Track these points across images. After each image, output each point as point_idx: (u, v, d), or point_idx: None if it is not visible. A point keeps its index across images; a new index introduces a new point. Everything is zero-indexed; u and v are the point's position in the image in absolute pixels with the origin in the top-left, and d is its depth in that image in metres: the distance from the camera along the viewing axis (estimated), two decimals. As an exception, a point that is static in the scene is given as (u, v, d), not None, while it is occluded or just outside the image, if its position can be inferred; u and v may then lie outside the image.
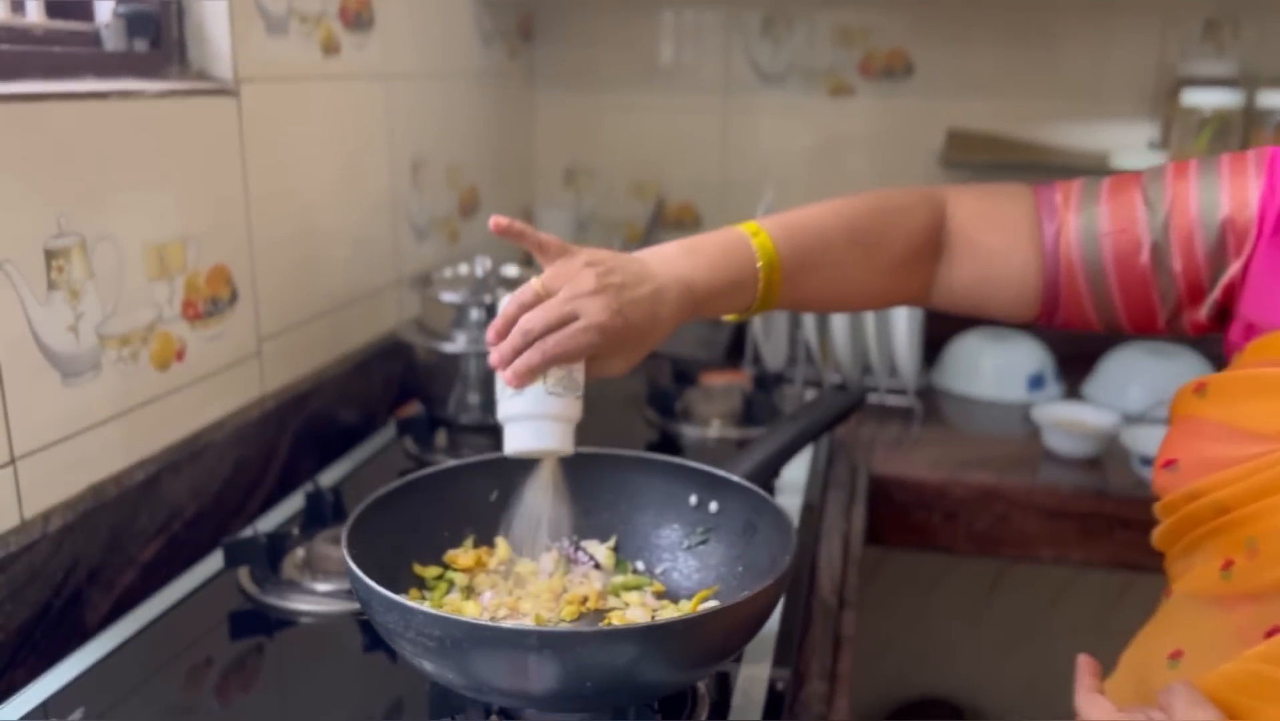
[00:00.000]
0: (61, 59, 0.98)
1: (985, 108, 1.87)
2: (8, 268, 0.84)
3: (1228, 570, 0.70)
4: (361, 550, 0.71)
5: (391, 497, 0.80)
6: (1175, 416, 0.81)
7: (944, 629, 2.09)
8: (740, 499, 0.84)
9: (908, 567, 1.88)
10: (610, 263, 0.78)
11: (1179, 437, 0.78)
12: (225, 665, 0.87)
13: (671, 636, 0.65)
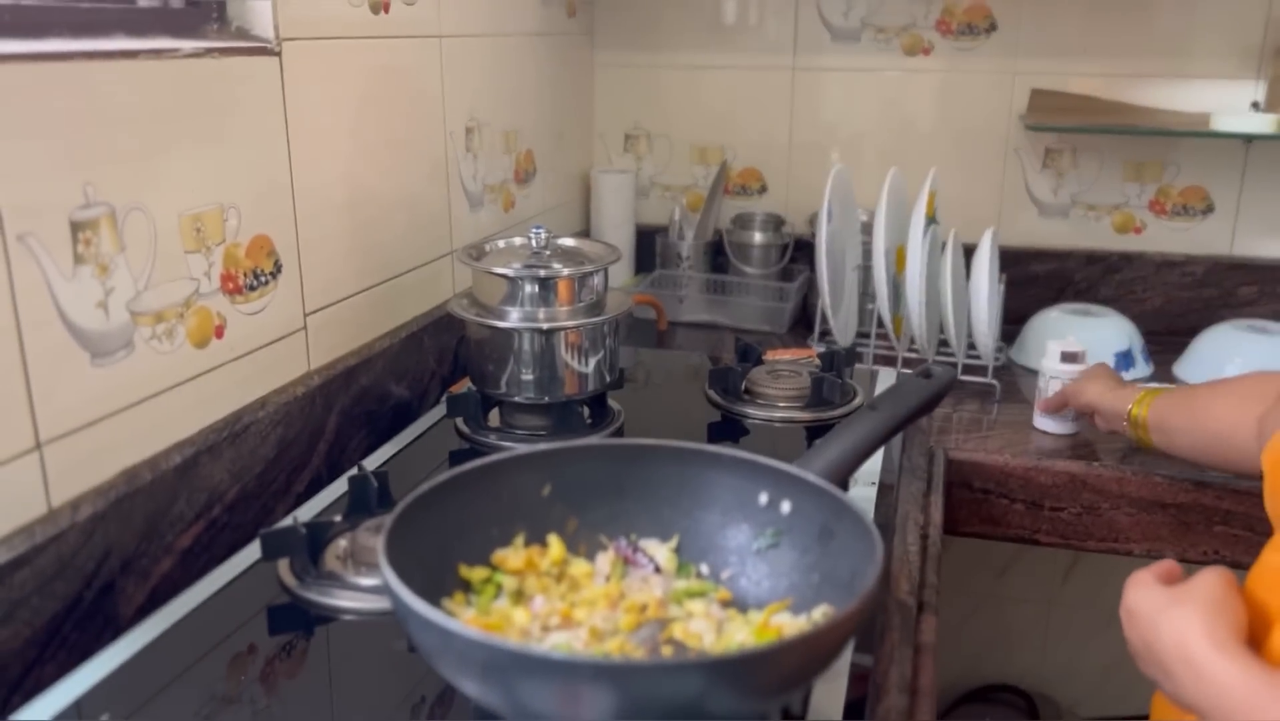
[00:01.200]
0: (89, 15, 0.92)
1: (1072, 67, 1.75)
2: (30, 241, 0.79)
3: None
4: (402, 554, 0.65)
5: (435, 494, 0.74)
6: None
7: (1015, 613, 2.00)
8: (816, 500, 0.76)
9: (979, 549, 1.79)
10: None
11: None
12: (261, 663, 0.81)
13: (744, 669, 0.57)
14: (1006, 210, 1.85)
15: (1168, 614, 0.70)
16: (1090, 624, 1.96)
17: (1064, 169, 1.81)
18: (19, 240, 0.78)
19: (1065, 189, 1.82)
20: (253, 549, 0.95)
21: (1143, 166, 1.79)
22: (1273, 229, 1.76)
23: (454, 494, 0.75)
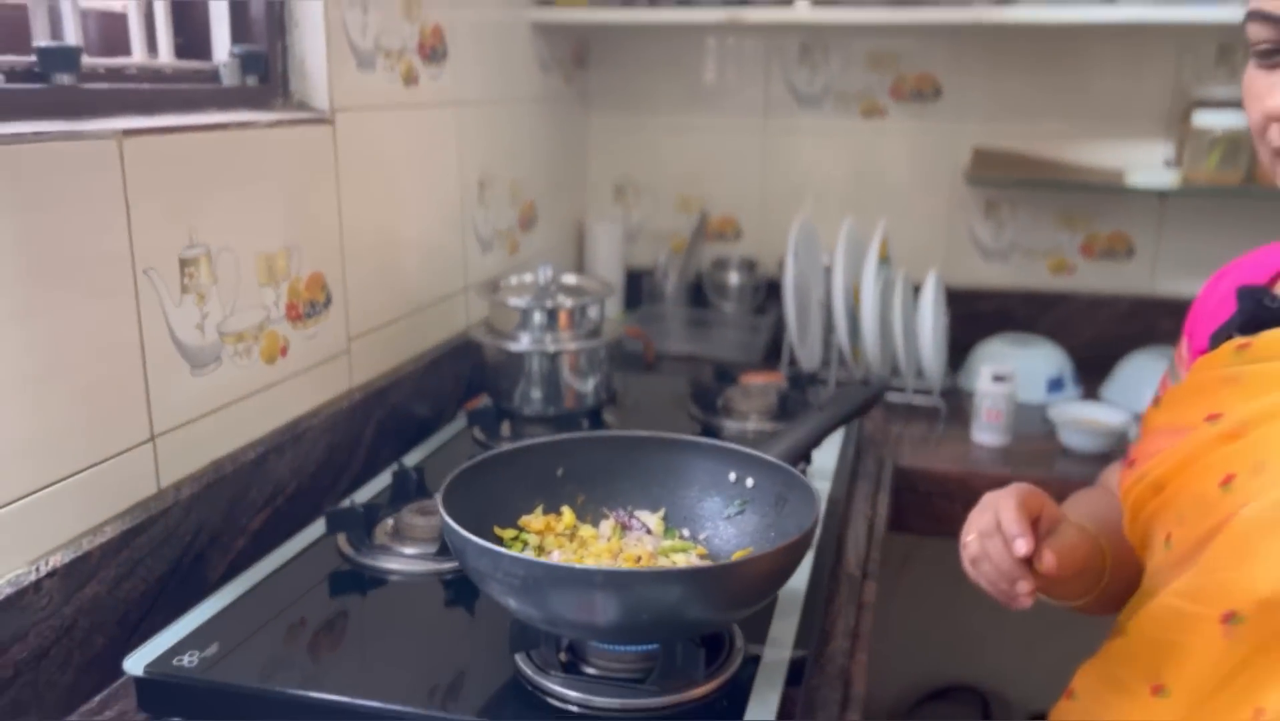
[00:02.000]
0: (188, 94, 1.14)
1: (1008, 128, 1.99)
2: (152, 274, 1.00)
3: (1168, 541, 0.83)
4: (453, 511, 0.85)
5: (474, 470, 0.95)
6: (1142, 430, 0.95)
7: (972, 618, 2.20)
8: (773, 475, 0.97)
9: (938, 558, 1.98)
10: None
11: (1139, 444, 0.91)
12: (328, 615, 1.01)
13: (713, 578, 0.78)
14: (954, 254, 2.08)
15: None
16: (1041, 625, 2.15)
17: (1004, 218, 2.05)
18: (144, 273, 0.99)
19: (1005, 235, 2.06)
20: (311, 531, 1.15)
21: (1073, 216, 2.02)
22: (1188, 270, 1.99)
23: (489, 470, 0.96)
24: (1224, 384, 0.82)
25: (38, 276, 0.88)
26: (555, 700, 0.84)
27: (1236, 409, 0.79)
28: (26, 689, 0.87)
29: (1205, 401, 0.83)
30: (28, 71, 0.95)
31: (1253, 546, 0.74)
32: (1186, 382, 0.88)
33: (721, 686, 0.86)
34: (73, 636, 0.92)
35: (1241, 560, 0.75)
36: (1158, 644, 0.81)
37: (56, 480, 0.91)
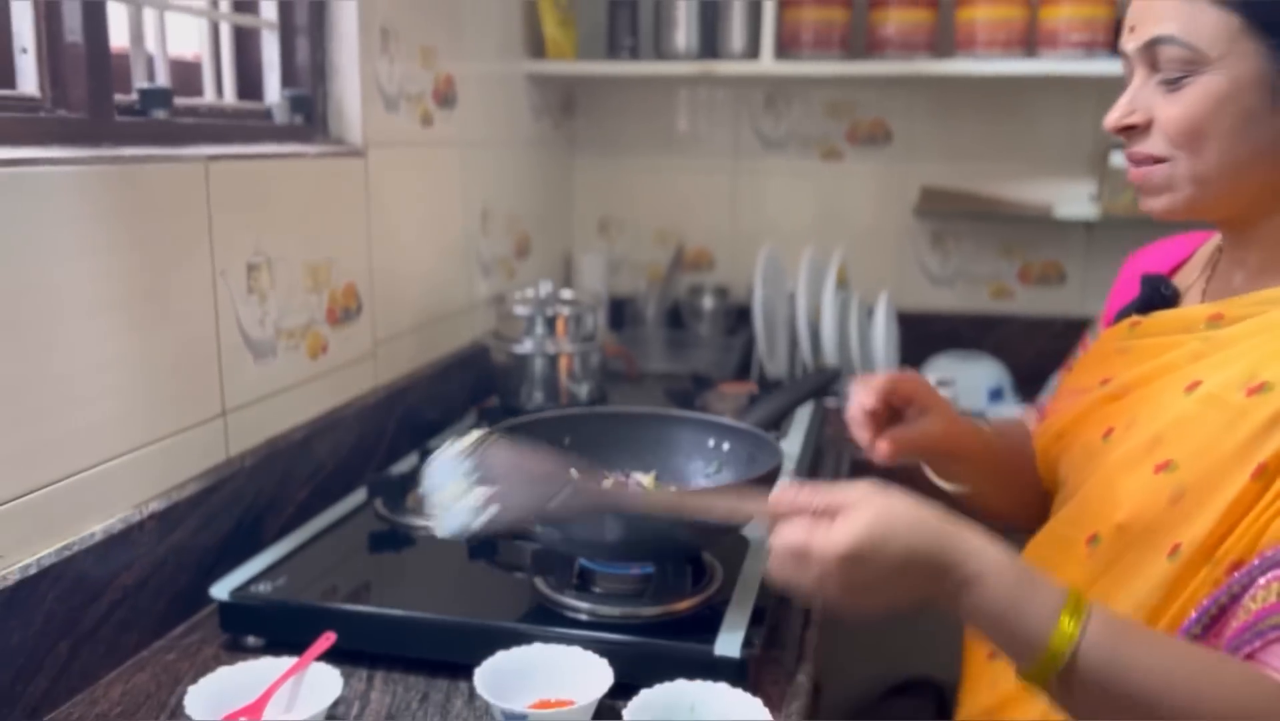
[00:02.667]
0: (249, 129, 1.34)
1: (952, 168, 2.23)
2: (227, 276, 1.20)
3: (1064, 483, 1.03)
4: (485, 460, 1.05)
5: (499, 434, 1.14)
6: (1057, 390, 1.15)
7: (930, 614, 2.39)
8: (744, 439, 1.18)
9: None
10: None
11: (1052, 401, 1.12)
12: (372, 559, 1.20)
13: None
14: (905, 281, 2.31)
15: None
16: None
17: (949, 248, 2.28)
18: (220, 275, 1.19)
19: (951, 264, 2.29)
20: (347, 501, 1.34)
21: (1011, 246, 2.26)
22: (1112, 294, 2.23)
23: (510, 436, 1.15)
24: (1117, 354, 1.01)
25: (145, 271, 1.08)
26: (569, 611, 1.03)
27: (1122, 375, 0.98)
28: (131, 610, 1.06)
29: (1101, 368, 1.02)
30: (130, 108, 1.15)
31: (1115, 482, 0.93)
32: (1090, 352, 1.08)
33: (704, 601, 1.06)
34: (164, 571, 1.10)
35: (1107, 492, 0.94)
36: (1042, 561, 1.00)
37: (153, 440, 1.10)
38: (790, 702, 0.99)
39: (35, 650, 0.94)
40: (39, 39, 1.03)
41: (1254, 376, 0.84)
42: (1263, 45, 0.83)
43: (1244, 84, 0.83)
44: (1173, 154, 0.88)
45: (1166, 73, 0.87)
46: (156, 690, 1.00)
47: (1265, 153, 0.85)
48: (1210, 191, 0.88)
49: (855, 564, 0.76)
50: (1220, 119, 0.85)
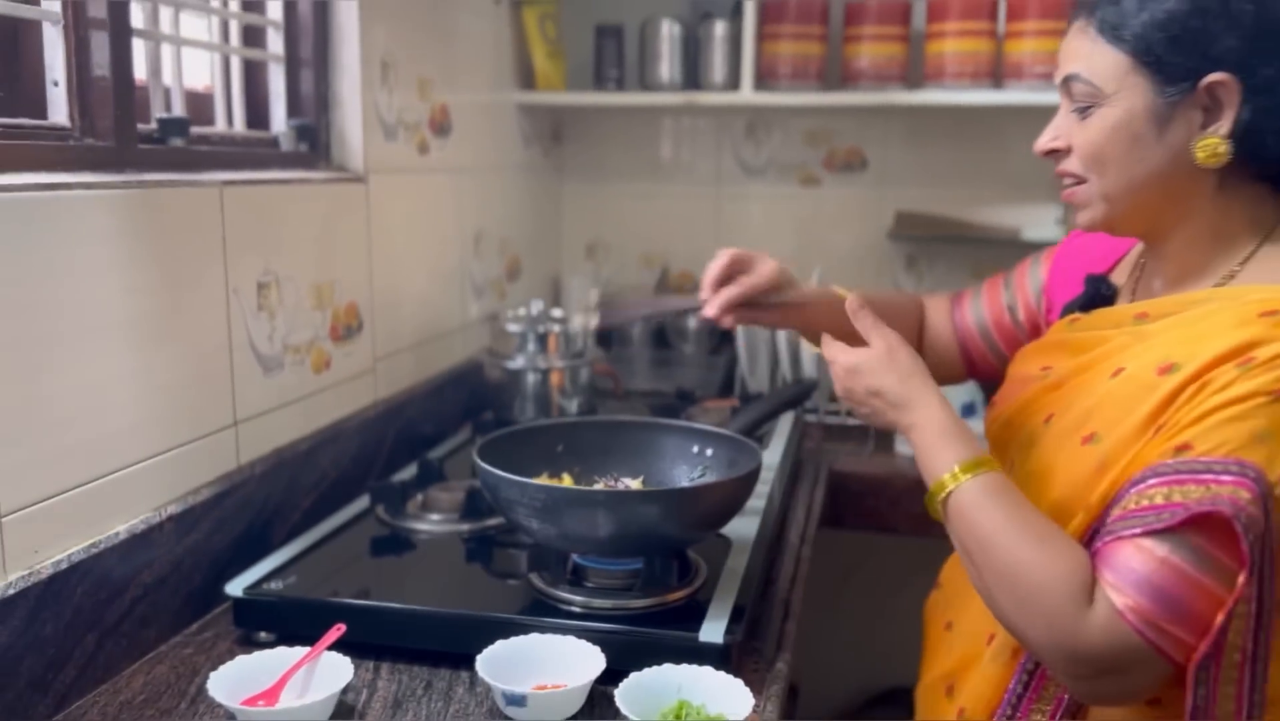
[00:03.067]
0: (258, 156, 1.42)
1: (924, 193, 2.33)
2: (240, 293, 1.28)
3: (1013, 464, 1.12)
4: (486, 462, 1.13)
5: (496, 441, 1.22)
6: (1005, 379, 1.24)
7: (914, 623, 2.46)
8: (726, 445, 1.25)
9: (881, 567, 2.26)
10: None
11: (1002, 389, 1.20)
12: (376, 560, 1.27)
13: (682, 498, 1.06)
14: (882, 302, 2.40)
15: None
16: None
17: (923, 270, 2.38)
18: (233, 292, 1.27)
19: (924, 285, 2.38)
20: (349, 508, 1.41)
21: (981, 267, 2.35)
22: (1079, 314, 2.32)
23: (506, 443, 1.23)
24: (1058, 346, 1.10)
25: (166, 288, 1.15)
26: (563, 604, 1.11)
27: (1061, 365, 1.08)
28: (151, 606, 1.12)
29: (1044, 358, 1.12)
30: (150, 136, 1.23)
31: (1052, 459, 1.02)
32: (1038, 342, 1.17)
33: (689, 595, 1.13)
34: (181, 571, 1.17)
35: (1045, 470, 1.03)
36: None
37: (171, 447, 1.17)
38: (770, 686, 1.06)
39: (65, 641, 1.01)
40: (69, 73, 1.11)
41: (1166, 358, 0.94)
42: (1149, 81, 0.94)
43: (1135, 113, 0.95)
44: (1087, 174, 0.99)
45: (1078, 104, 0.99)
46: (175, 680, 1.07)
47: (1159, 173, 0.96)
48: (1118, 208, 0.98)
49: (851, 374, 1.07)
50: (1117, 144, 0.96)
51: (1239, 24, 0.91)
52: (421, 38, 1.74)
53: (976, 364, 1.34)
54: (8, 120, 1.06)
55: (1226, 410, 0.87)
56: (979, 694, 1.07)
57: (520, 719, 0.98)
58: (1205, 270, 1.00)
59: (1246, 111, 0.92)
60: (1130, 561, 0.87)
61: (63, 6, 1.10)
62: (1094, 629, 0.87)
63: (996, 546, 0.93)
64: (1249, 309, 0.92)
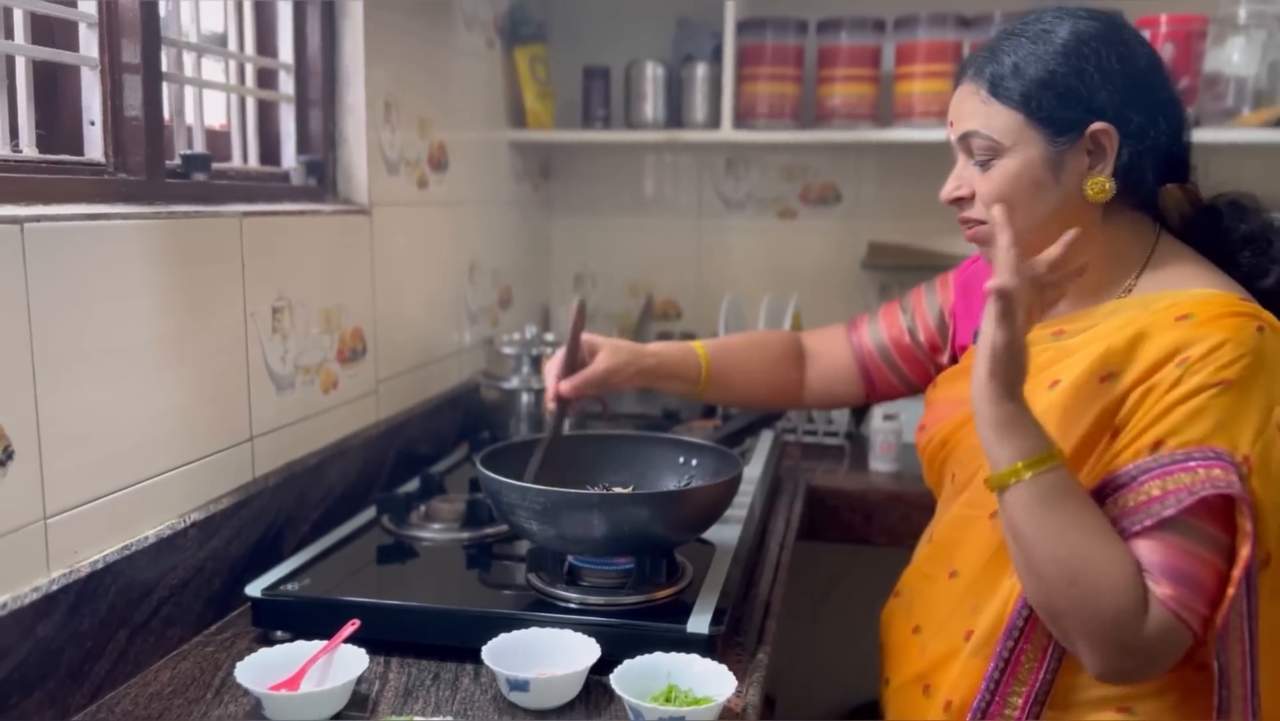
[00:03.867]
0: (271, 190, 1.52)
1: (896, 225, 2.45)
2: (256, 317, 1.37)
3: (954, 479, 1.22)
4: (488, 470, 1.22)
5: (497, 451, 1.31)
6: (926, 403, 1.34)
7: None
8: (710, 455, 1.35)
9: (857, 579, 2.35)
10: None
11: (926, 414, 1.31)
12: (382, 565, 1.36)
13: (671, 500, 1.16)
14: (857, 328, 2.51)
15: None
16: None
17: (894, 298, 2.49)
18: (250, 315, 1.36)
19: (897, 312, 2.49)
20: (355, 520, 1.49)
21: (951, 296, 2.47)
22: (1044, 339, 2.44)
23: (505, 455, 1.32)
24: None
25: (191, 310, 1.24)
26: (560, 601, 1.20)
27: None
28: (176, 606, 1.21)
29: (969, 382, 1.22)
30: (174, 171, 1.33)
31: None
32: (958, 367, 1.28)
33: (677, 592, 1.22)
34: (202, 575, 1.26)
35: None
36: (952, 541, 1.20)
37: (194, 459, 1.26)
38: (752, 673, 1.15)
39: (100, 635, 1.09)
40: (105, 113, 1.21)
41: (1104, 367, 1.06)
42: (1041, 134, 1.07)
43: (1033, 162, 1.08)
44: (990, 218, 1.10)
45: (978, 157, 1.11)
46: (200, 675, 1.15)
47: (1058, 212, 1.09)
48: (1023, 243, 1.08)
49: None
50: (1018, 190, 1.09)
51: (1111, 80, 1.05)
52: (421, 80, 1.85)
53: (877, 385, 1.47)
54: (49, 156, 1.15)
55: (1184, 405, 1.00)
56: (965, 687, 1.15)
57: (523, 704, 1.07)
58: (1105, 287, 1.13)
59: (1125, 154, 1.06)
60: (1154, 554, 0.99)
61: (99, 52, 1.20)
62: (1151, 622, 0.98)
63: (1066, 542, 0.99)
64: (1162, 315, 1.05)
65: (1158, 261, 1.12)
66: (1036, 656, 1.09)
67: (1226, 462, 0.98)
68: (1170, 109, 1.09)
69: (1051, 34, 1.08)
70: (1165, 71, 1.11)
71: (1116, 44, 1.07)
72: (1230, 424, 0.99)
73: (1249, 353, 1.00)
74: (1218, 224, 1.15)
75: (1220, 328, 1.02)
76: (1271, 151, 2.20)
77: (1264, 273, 1.13)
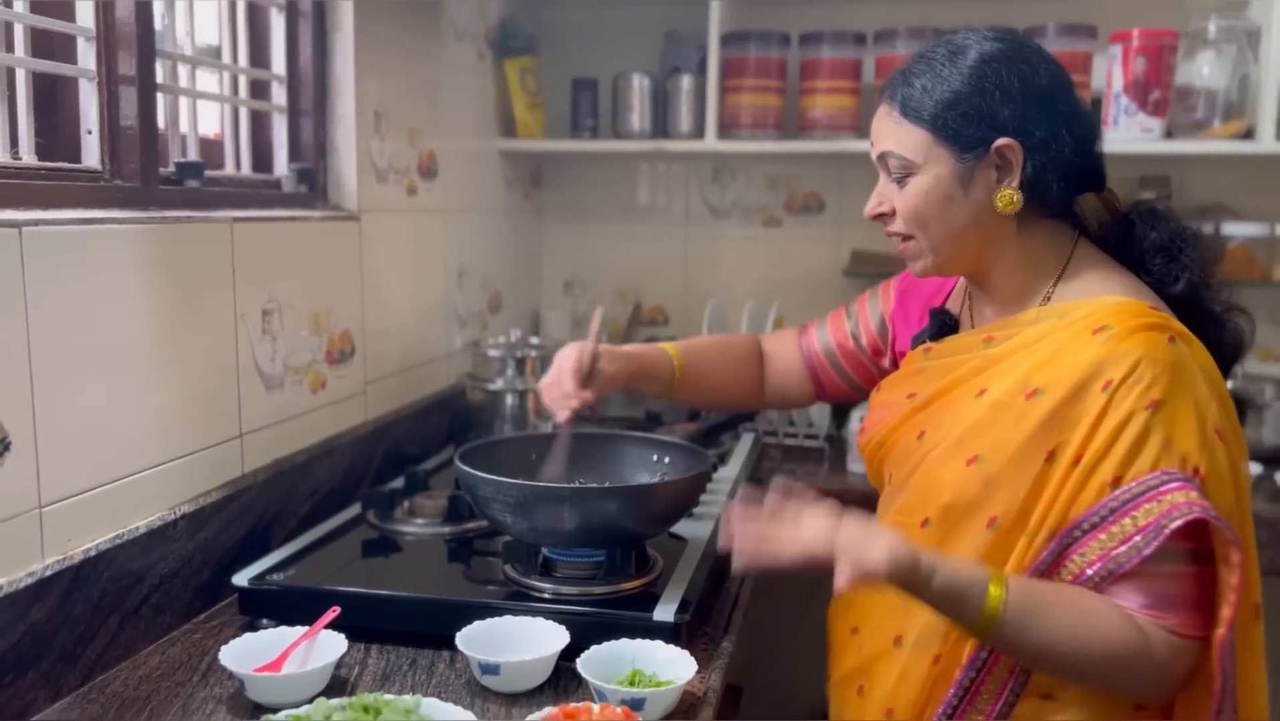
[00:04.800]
0: (263, 196, 1.58)
1: (878, 234, 2.48)
2: (246, 319, 1.43)
3: (890, 479, 1.27)
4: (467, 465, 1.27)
5: (477, 448, 1.37)
6: (869, 406, 1.38)
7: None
8: (681, 452, 1.41)
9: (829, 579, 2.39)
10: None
11: (867, 416, 1.35)
12: (366, 557, 1.41)
13: (639, 494, 1.21)
14: (840, 335, 2.56)
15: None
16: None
17: (878, 305, 2.54)
18: (241, 317, 1.42)
19: (880, 319, 2.55)
20: (342, 515, 1.55)
21: (932, 303, 2.52)
22: (1024, 346, 2.49)
23: (485, 451, 1.37)
24: (917, 374, 1.26)
25: (183, 311, 1.30)
26: (535, 591, 1.25)
27: (924, 390, 1.22)
28: (165, 595, 1.26)
29: (906, 386, 1.26)
30: (169, 178, 1.38)
31: (935, 473, 1.16)
32: (898, 373, 1.32)
33: (646, 584, 1.28)
34: (192, 565, 1.31)
35: (930, 483, 1.17)
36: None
37: (185, 454, 1.32)
38: (716, 660, 1.20)
39: (92, 620, 1.15)
40: (101, 123, 1.27)
41: (1027, 384, 1.10)
42: (949, 151, 1.11)
43: (943, 178, 1.12)
44: (911, 232, 1.16)
45: (895, 174, 1.16)
46: (188, 659, 1.20)
47: (971, 223, 1.14)
48: (944, 255, 1.14)
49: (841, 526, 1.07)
50: (931, 205, 1.13)
51: (1011, 97, 1.10)
52: (411, 90, 1.91)
53: (825, 386, 1.51)
54: (48, 164, 1.21)
55: (1123, 435, 1.05)
56: (906, 698, 1.18)
57: (494, 687, 1.12)
58: (1026, 294, 1.17)
59: (1030, 166, 1.10)
60: (1151, 588, 1.04)
61: (97, 64, 1.26)
62: (1162, 650, 1.03)
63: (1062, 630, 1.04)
64: (1079, 326, 1.10)
65: (1074, 269, 1.17)
66: (996, 689, 1.13)
67: (1183, 481, 1.03)
68: (1074, 121, 1.13)
69: (957, 56, 1.13)
70: (1068, 87, 1.15)
71: (1019, 63, 1.12)
72: (1173, 440, 1.04)
73: (1166, 368, 1.05)
74: (1131, 232, 1.19)
75: (1135, 343, 1.06)
76: (1242, 162, 2.26)
77: (1174, 279, 1.17)
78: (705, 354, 1.50)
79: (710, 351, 1.51)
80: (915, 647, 1.17)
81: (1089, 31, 2.13)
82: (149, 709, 1.09)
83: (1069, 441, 1.07)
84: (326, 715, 0.87)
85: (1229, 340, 1.18)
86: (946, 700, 1.14)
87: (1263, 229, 2.20)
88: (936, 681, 1.16)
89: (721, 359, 1.51)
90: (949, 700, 1.14)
